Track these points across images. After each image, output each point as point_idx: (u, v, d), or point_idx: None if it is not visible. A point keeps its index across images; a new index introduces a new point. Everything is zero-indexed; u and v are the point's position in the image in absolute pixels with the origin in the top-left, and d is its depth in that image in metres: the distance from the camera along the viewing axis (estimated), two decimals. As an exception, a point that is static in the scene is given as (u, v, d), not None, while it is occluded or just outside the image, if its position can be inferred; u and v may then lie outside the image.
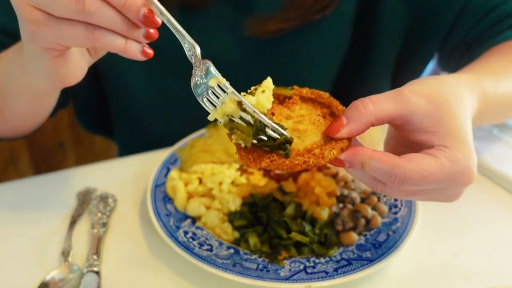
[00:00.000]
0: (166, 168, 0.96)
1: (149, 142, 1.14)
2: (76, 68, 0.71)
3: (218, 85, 0.61)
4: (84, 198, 0.94)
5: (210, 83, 0.61)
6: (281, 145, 0.59)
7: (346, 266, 0.76)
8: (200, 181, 0.91)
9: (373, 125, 0.61)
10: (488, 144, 1.03)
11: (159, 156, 1.01)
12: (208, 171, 0.91)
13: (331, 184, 0.87)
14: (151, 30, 0.61)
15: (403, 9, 1.06)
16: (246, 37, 1.05)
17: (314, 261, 0.78)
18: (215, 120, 0.62)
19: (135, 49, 0.61)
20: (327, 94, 0.68)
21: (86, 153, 2.16)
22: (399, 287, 0.77)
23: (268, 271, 0.76)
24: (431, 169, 0.58)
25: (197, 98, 0.62)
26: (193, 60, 0.62)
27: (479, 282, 0.77)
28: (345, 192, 0.87)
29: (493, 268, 0.79)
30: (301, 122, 0.65)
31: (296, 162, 0.59)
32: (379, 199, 0.88)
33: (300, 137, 0.63)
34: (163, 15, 0.60)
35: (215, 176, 0.90)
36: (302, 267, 0.76)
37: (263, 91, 0.62)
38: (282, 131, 0.59)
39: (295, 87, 0.69)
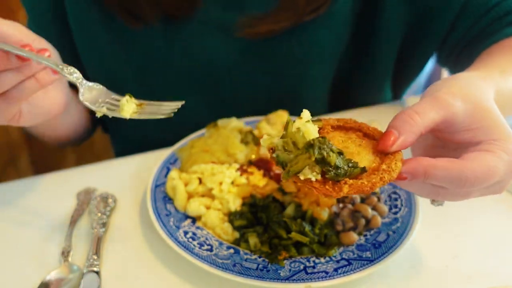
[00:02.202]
0: (166, 168, 0.96)
1: (143, 146, 1.14)
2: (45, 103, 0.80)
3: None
4: (84, 198, 0.94)
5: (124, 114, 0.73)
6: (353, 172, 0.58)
7: (346, 266, 0.76)
8: (200, 181, 0.91)
9: (421, 135, 0.61)
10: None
11: (159, 156, 1.01)
12: (208, 171, 0.91)
13: (331, 184, 0.86)
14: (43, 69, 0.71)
15: (403, 9, 1.06)
16: (238, 39, 1.05)
17: (314, 261, 0.78)
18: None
19: (48, 78, 0.71)
20: (353, 119, 0.67)
21: (86, 153, 2.16)
22: (399, 287, 0.77)
23: (268, 271, 0.76)
24: (495, 164, 0.58)
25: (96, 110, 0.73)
26: (79, 84, 0.73)
27: (479, 283, 0.77)
28: (345, 192, 0.87)
29: (493, 269, 0.79)
30: (347, 147, 0.63)
31: (374, 180, 0.57)
32: (379, 199, 0.88)
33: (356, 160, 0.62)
34: (40, 58, 0.68)
35: (215, 176, 0.90)
36: (302, 267, 0.77)
37: (307, 121, 0.60)
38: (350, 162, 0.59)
39: (321, 118, 0.68)
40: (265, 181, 0.90)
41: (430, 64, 1.28)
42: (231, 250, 0.80)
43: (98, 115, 0.73)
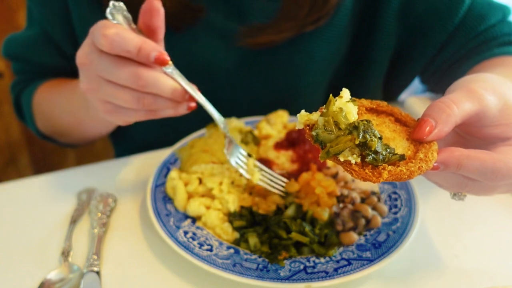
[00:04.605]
0: (166, 168, 0.96)
1: (143, 147, 1.14)
2: None
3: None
4: (84, 198, 0.95)
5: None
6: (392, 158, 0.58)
7: (346, 266, 0.76)
8: (200, 181, 0.91)
9: (455, 125, 0.61)
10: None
11: (159, 156, 1.01)
12: (208, 171, 0.91)
13: (331, 184, 0.87)
14: (192, 105, 0.80)
15: (398, 25, 1.08)
16: (238, 46, 1.05)
17: (314, 261, 0.78)
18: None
19: (182, 110, 0.80)
20: (385, 103, 0.66)
21: (86, 153, 2.15)
22: (399, 287, 0.77)
23: (268, 271, 0.76)
24: None
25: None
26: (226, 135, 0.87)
27: (479, 282, 0.77)
28: (345, 192, 0.87)
29: (493, 268, 0.79)
30: (382, 132, 0.62)
31: (412, 169, 0.57)
32: (379, 199, 0.88)
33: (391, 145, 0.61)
34: (197, 95, 0.79)
35: (215, 176, 0.90)
36: (302, 267, 0.77)
37: (347, 102, 0.59)
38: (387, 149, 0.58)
39: (355, 99, 0.65)
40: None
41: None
42: (231, 250, 0.80)
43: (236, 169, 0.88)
